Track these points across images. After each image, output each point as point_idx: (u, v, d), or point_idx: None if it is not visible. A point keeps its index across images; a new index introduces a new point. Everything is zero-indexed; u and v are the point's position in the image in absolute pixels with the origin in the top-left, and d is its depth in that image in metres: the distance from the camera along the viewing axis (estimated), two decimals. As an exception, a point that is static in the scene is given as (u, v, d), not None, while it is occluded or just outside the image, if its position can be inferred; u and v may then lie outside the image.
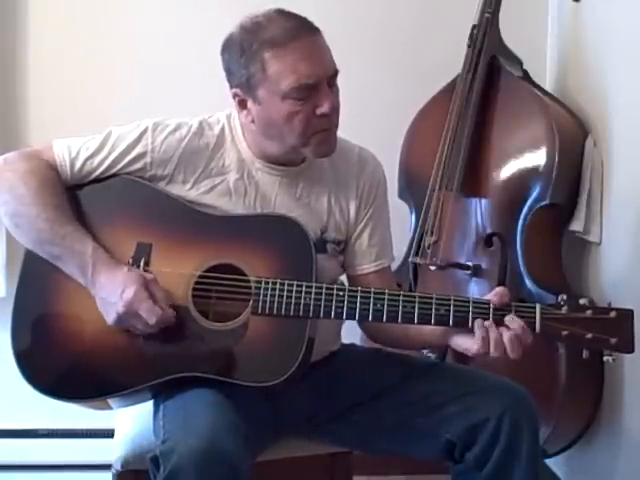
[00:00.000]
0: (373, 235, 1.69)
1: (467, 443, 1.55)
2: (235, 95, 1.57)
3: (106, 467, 1.66)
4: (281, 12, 1.54)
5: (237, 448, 1.34)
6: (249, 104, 1.56)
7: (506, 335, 1.42)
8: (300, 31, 1.51)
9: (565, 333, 1.42)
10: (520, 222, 2.08)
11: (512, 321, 1.43)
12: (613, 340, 1.41)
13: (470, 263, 2.14)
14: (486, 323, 1.43)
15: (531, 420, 1.53)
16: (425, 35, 2.50)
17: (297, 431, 1.68)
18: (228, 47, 1.56)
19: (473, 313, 1.45)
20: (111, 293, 1.46)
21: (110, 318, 1.47)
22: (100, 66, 2.45)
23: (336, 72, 1.55)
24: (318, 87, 1.51)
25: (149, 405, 1.60)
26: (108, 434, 1.87)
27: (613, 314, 1.42)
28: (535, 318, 1.43)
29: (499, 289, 1.47)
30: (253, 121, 1.57)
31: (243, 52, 1.52)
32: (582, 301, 1.43)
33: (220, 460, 1.32)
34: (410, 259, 2.22)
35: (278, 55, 1.49)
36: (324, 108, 1.51)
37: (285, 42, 1.49)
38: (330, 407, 1.66)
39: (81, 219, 1.55)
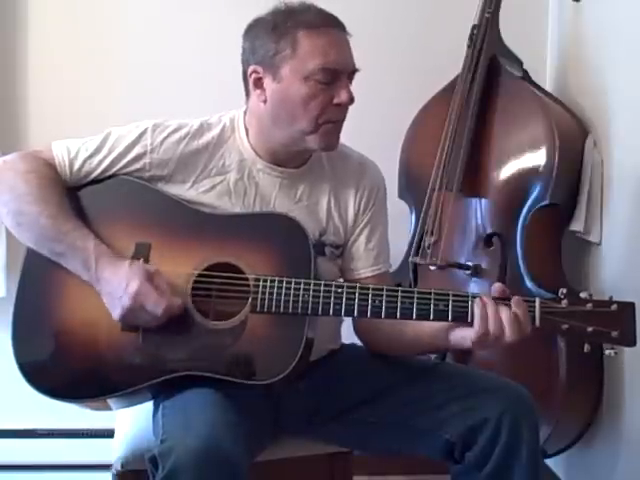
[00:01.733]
0: (371, 239, 1.69)
1: (467, 443, 1.54)
2: (252, 72, 1.57)
3: (106, 467, 1.66)
4: (315, 5, 1.58)
5: (236, 447, 1.34)
6: (266, 82, 1.56)
7: (505, 313, 1.40)
8: (333, 22, 1.56)
9: (565, 327, 1.41)
10: (520, 222, 2.07)
11: (517, 302, 1.41)
12: (614, 333, 1.39)
13: (470, 263, 2.13)
14: (484, 298, 1.42)
15: (531, 420, 1.52)
16: (425, 35, 2.50)
17: (297, 431, 1.67)
18: (256, 24, 1.58)
19: (472, 307, 1.43)
20: (116, 287, 1.46)
21: (116, 313, 1.47)
22: (100, 66, 2.45)
23: (356, 70, 1.58)
24: (340, 77, 1.54)
25: (149, 405, 1.60)
26: (108, 434, 1.87)
27: (614, 307, 1.40)
28: (535, 312, 1.42)
29: (497, 285, 1.46)
30: (265, 101, 1.57)
31: (276, 27, 1.54)
32: (582, 294, 1.42)
33: (219, 459, 1.31)
34: (410, 259, 2.21)
35: (311, 36, 1.52)
36: (342, 98, 1.54)
37: (319, 26, 1.53)
38: (330, 407, 1.65)
39: (80, 219, 1.54)
